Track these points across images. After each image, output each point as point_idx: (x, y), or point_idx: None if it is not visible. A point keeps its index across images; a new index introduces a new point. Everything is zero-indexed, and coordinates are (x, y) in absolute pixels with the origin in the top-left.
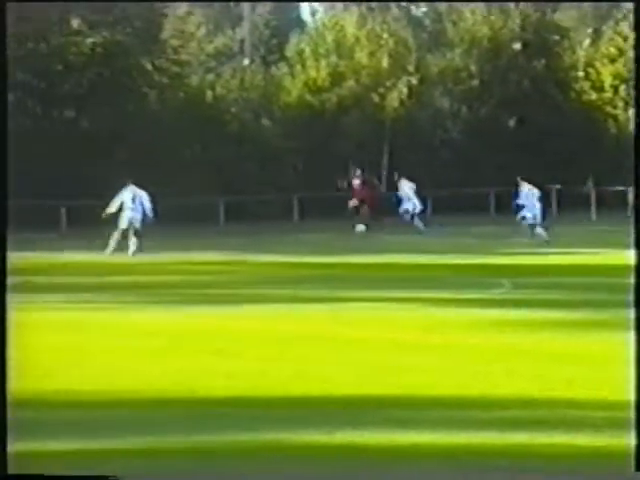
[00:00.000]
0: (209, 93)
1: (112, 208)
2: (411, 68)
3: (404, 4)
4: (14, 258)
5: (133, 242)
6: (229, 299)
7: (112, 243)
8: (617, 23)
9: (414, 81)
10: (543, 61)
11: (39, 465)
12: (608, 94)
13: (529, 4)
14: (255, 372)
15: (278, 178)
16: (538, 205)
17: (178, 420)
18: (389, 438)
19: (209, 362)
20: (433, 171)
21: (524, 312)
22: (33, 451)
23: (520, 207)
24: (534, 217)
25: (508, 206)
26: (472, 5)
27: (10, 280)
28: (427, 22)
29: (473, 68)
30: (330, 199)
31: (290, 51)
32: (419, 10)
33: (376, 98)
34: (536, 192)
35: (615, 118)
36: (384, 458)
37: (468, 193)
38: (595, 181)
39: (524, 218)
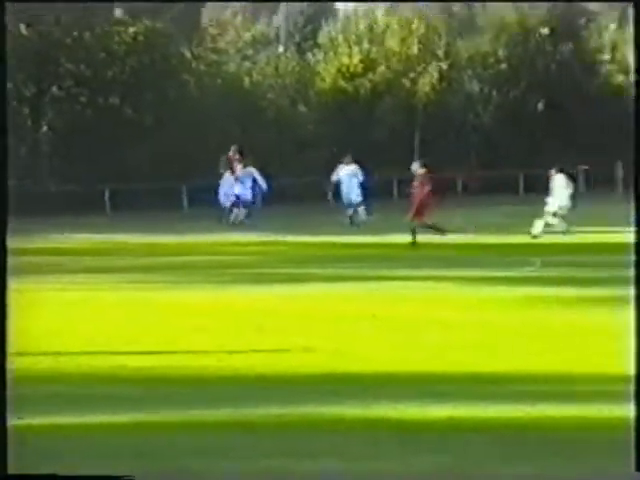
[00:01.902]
0: (246, 80)
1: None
2: (441, 54)
3: None
4: (68, 239)
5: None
6: (269, 278)
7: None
8: None
9: (444, 66)
10: (570, 45)
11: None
12: (634, 77)
13: None
14: (296, 349)
15: (314, 162)
16: (357, 186)
17: (223, 394)
18: (425, 411)
19: (251, 339)
20: (464, 154)
21: (554, 290)
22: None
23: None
24: (352, 198)
25: (537, 187)
26: None
27: (60, 260)
28: (456, 8)
29: (501, 53)
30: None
31: (323, 38)
32: None
33: (407, 84)
34: (359, 174)
35: None
36: (419, 430)
37: (498, 175)
38: (624, 163)
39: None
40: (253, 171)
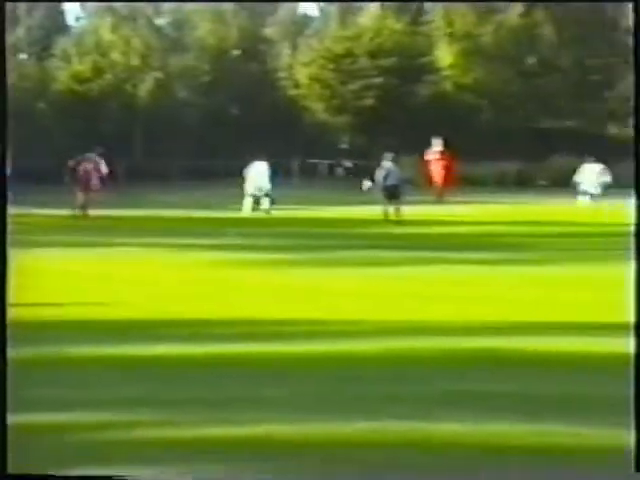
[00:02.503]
0: None
1: None
2: (157, 66)
3: (149, 14)
4: None
5: None
6: (37, 244)
7: None
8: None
9: (160, 76)
10: (256, 64)
11: None
12: (304, 91)
13: (245, 18)
14: (59, 303)
15: (52, 150)
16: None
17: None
18: (175, 350)
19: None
20: (179, 148)
21: (241, 254)
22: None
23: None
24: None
25: (236, 175)
26: (208, 11)
27: None
28: (167, 31)
29: (205, 67)
30: None
31: (58, 49)
32: (162, 19)
33: (130, 89)
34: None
35: (308, 109)
36: (180, 366)
37: (206, 164)
38: (297, 156)
39: None
40: None
